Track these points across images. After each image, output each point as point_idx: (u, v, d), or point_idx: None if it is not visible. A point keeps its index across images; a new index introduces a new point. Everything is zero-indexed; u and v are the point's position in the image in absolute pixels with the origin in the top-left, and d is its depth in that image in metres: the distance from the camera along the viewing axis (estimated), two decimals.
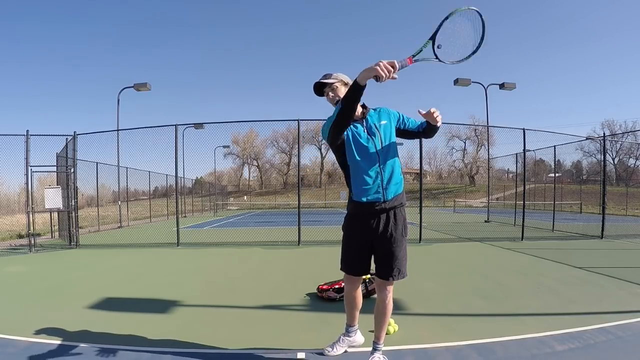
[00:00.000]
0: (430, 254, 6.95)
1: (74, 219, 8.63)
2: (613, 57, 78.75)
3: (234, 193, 53.00)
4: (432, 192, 47.44)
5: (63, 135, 9.13)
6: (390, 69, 1.85)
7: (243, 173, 63.03)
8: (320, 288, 3.99)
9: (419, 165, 9.28)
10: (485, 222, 14.58)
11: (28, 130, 8.01)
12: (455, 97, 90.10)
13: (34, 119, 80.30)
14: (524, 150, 9.73)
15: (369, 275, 4.00)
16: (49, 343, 2.80)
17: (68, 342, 2.82)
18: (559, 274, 5.06)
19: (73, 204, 8.62)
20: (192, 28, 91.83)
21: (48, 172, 10.54)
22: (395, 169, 2.29)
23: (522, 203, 9.90)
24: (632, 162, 44.81)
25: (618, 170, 43.74)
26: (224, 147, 34.46)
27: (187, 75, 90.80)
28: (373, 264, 2.41)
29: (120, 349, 2.68)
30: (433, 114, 2.18)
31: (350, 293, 2.54)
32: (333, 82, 2.28)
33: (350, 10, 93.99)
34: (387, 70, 1.84)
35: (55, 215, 10.73)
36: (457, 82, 16.89)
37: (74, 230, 8.61)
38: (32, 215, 8.21)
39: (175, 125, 8.54)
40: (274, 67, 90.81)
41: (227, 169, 60.58)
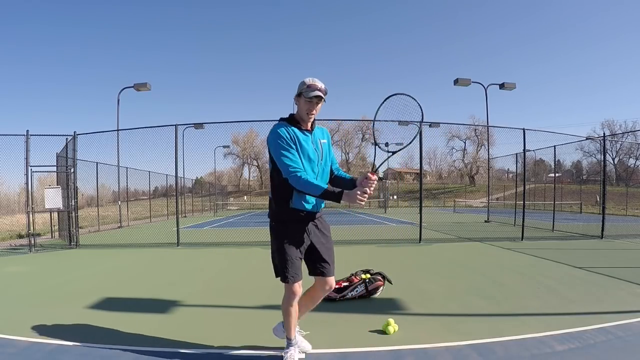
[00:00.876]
0: (430, 254, 6.96)
1: (74, 219, 8.63)
2: (613, 57, 78.95)
3: (234, 193, 52.99)
4: (432, 192, 47.51)
5: (63, 135, 9.16)
6: (366, 196, 2.07)
7: (243, 173, 63.19)
8: None
9: (419, 165, 9.30)
10: (485, 222, 14.59)
11: (28, 130, 8.04)
12: (456, 97, 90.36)
13: (34, 119, 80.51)
14: (524, 150, 9.73)
15: (369, 275, 4.00)
16: (49, 343, 2.80)
17: (68, 342, 2.82)
18: (559, 274, 5.06)
19: (73, 204, 8.62)
20: (192, 30, 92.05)
21: (48, 172, 10.56)
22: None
23: (522, 203, 9.90)
24: (632, 162, 44.89)
25: (618, 170, 43.75)
26: (224, 147, 34.56)
27: (187, 76, 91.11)
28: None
29: (120, 349, 2.68)
30: (368, 184, 2.10)
31: (297, 302, 2.49)
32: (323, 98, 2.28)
33: (351, 14, 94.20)
34: (365, 198, 2.06)
35: (55, 215, 10.73)
36: (457, 82, 16.90)
37: (74, 230, 8.62)
38: (32, 215, 8.21)
39: (175, 125, 8.55)
40: (274, 67, 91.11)
41: (227, 169, 60.71)
